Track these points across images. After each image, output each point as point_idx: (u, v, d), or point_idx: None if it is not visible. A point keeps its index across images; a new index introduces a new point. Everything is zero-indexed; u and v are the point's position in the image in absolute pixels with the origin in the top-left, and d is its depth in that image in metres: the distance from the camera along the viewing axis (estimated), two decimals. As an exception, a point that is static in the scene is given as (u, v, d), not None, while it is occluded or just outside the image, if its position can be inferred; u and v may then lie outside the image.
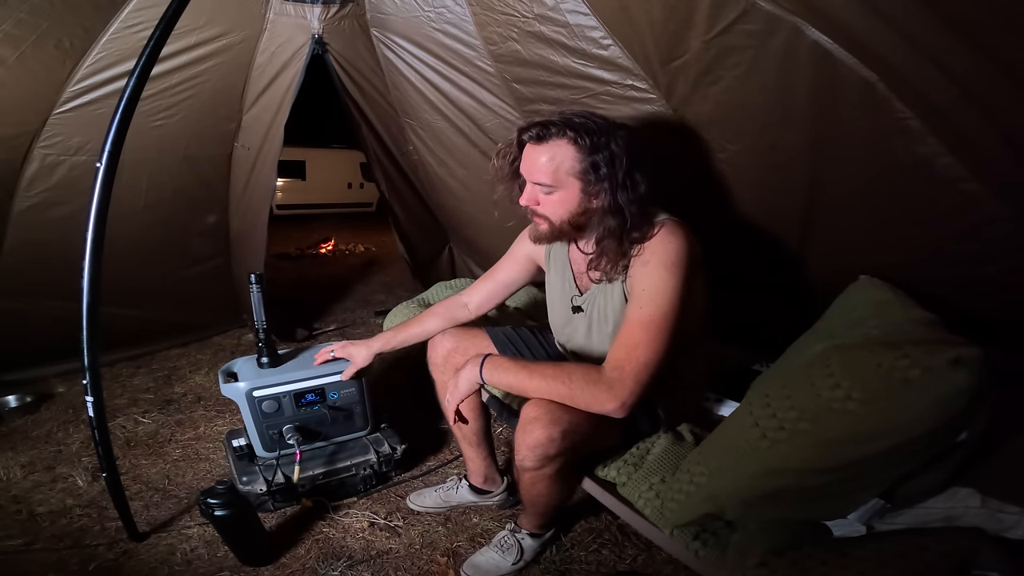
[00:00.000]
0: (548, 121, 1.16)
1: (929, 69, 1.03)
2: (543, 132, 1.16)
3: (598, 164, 1.14)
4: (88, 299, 1.25)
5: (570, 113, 1.18)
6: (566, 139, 1.15)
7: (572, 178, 1.17)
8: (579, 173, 1.16)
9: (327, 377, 1.67)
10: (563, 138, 1.15)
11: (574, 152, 1.15)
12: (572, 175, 1.16)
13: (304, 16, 2.16)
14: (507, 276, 1.53)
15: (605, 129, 1.16)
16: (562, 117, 1.16)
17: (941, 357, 0.83)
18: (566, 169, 1.16)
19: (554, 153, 1.15)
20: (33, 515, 1.58)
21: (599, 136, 1.14)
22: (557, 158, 1.15)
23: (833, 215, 1.47)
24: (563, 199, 1.19)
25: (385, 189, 3.08)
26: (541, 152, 1.16)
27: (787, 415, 0.95)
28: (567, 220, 1.21)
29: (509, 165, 1.28)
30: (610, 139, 1.15)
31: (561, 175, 1.16)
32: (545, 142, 1.16)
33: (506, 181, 1.31)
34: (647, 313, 1.11)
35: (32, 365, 2.35)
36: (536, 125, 1.17)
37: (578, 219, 1.21)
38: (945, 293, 1.25)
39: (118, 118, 1.23)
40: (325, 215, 9.05)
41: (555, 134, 1.15)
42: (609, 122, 1.18)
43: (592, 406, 1.09)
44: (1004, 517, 0.93)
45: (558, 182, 1.17)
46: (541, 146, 1.17)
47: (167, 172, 2.36)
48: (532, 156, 1.18)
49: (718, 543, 1.05)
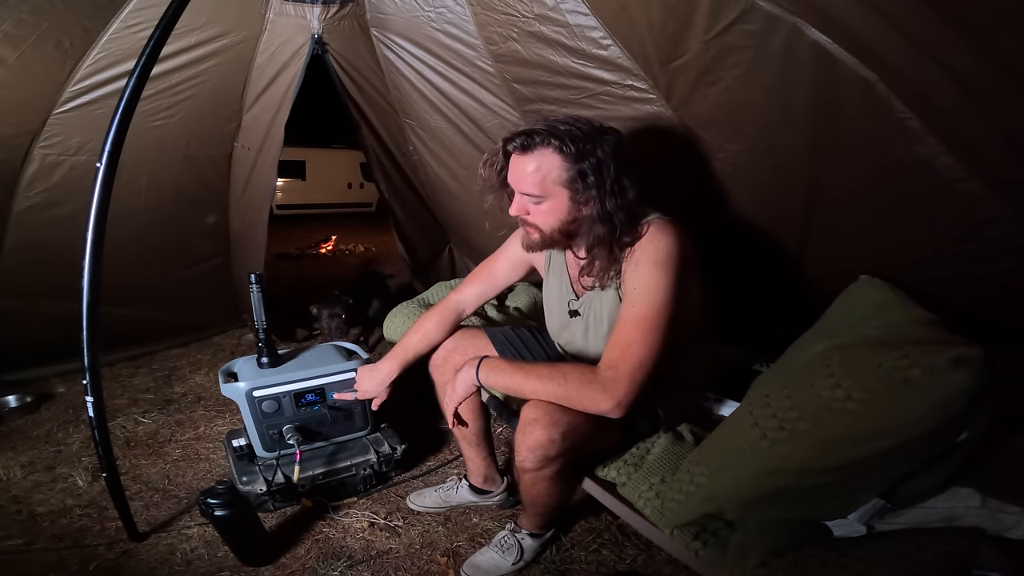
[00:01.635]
0: (532, 130, 1.14)
1: (929, 68, 1.03)
2: (528, 142, 1.14)
3: (585, 172, 1.12)
4: (88, 299, 1.25)
5: (554, 120, 1.15)
6: (551, 148, 1.12)
7: (559, 187, 1.15)
8: (566, 182, 1.14)
9: (327, 377, 1.67)
10: (548, 147, 1.13)
11: (560, 161, 1.13)
12: (559, 184, 1.14)
13: (304, 16, 2.16)
14: (500, 276, 1.50)
15: (591, 135, 1.14)
16: (547, 125, 1.14)
17: (941, 357, 0.83)
18: (553, 179, 1.14)
19: (540, 163, 1.13)
20: (33, 515, 1.58)
21: (584, 143, 1.12)
22: (543, 168, 1.13)
23: (833, 215, 1.47)
24: (552, 208, 1.17)
25: (385, 189, 3.08)
26: (527, 162, 1.15)
27: (787, 415, 0.95)
28: (557, 229, 1.20)
29: (496, 175, 1.25)
30: (596, 145, 1.13)
31: (548, 185, 1.14)
32: (530, 152, 1.14)
33: (495, 191, 1.28)
34: (640, 311, 1.10)
35: (32, 365, 2.35)
36: (520, 135, 1.15)
37: (568, 227, 1.20)
38: (945, 293, 1.25)
39: (118, 118, 1.23)
40: (325, 215, 9.05)
41: (540, 143, 1.13)
42: (595, 127, 1.16)
43: (588, 406, 1.09)
44: (1004, 517, 0.93)
45: (546, 192, 1.15)
46: (527, 156, 1.15)
47: (167, 172, 2.36)
48: (518, 167, 1.17)
49: (718, 543, 1.05)
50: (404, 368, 1.50)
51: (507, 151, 1.19)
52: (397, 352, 1.51)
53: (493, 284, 1.51)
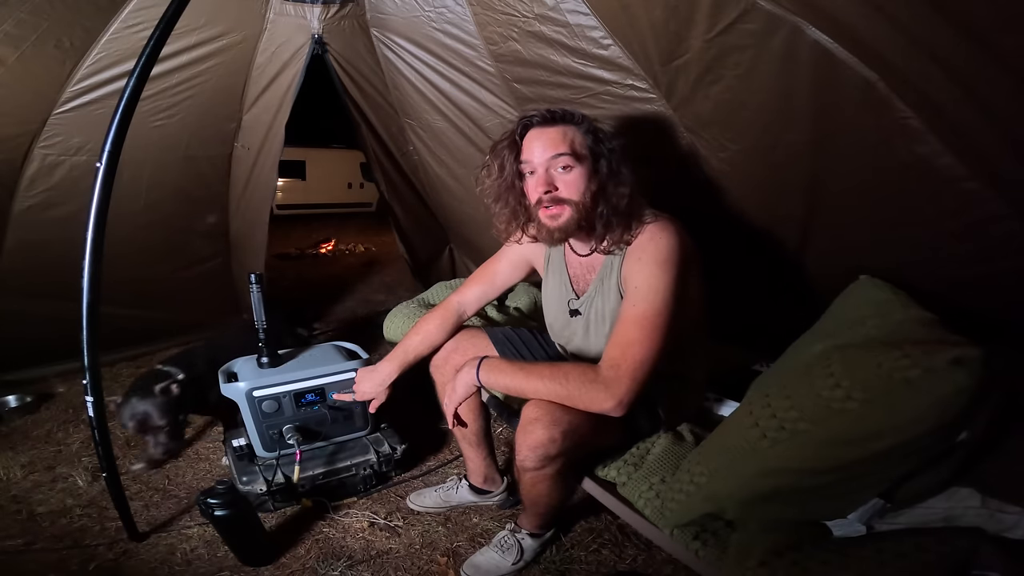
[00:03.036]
0: (551, 108, 1.23)
1: (930, 68, 1.03)
2: (551, 114, 1.21)
3: (600, 141, 1.21)
4: (88, 299, 1.25)
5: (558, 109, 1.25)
6: (571, 123, 1.21)
7: (585, 152, 1.20)
8: (588, 149, 1.20)
9: (327, 377, 1.67)
10: (569, 122, 1.21)
11: (581, 136, 1.20)
12: (584, 150, 1.20)
13: (304, 16, 2.16)
14: (501, 277, 1.50)
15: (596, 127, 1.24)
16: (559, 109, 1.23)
17: (941, 357, 0.83)
18: (579, 143, 1.19)
19: (565, 130, 1.20)
20: (33, 515, 1.58)
21: (590, 122, 1.23)
22: (569, 134, 1.19)
23: (834, 214, 1.47)
24: (581, 174, 1.19)
25: (385, 189, 3.08)
26: (554, 130, 1.20)
27: (787, 415, 0.95)
28: (588, 199, 1.19)
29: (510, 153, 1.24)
30: (602, 134, 1.23)
31: (577, 147, 1.19)
32: (554, 124, 1.21)
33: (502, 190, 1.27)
34: (641, 310, 1.11)
35: (32, 365, 2.35)
36: (543, 110, 1.22)
37: (595, 198, 1.20)
38: (945, 293, 1.25)
39: (118, 118, 1.23)
40: (325, 215, 9.05)
41: (562, 117, 1.21)
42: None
43: (590, 406, 1.09)
44: (1004, 517, 0.93)
45: (576, 152, 1.19)
46: (551, 127, 1.20)
47: (167, 172, 2.36)
48: (544, 136, 1.20)
49: (718, 543, 1.05)
50: (404, 370, 1.50)
51: (526, 126, 1.23)
52: (397, 353, 1.50)
53: (494, 285, 1.51)
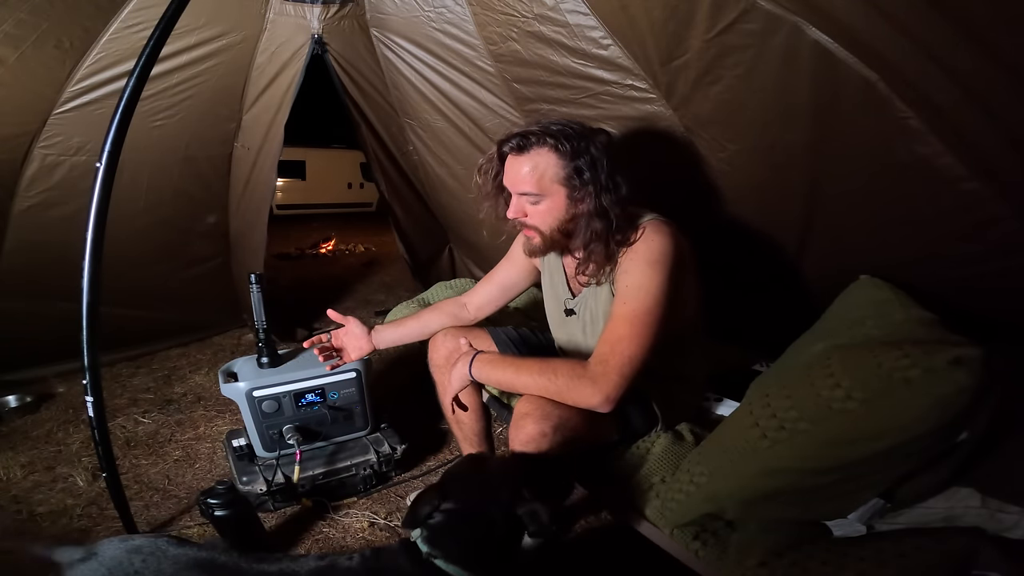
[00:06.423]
0: (527, 131, 1.18)
1: (930, 68, 1.02)
2: (523, 142, 1.17)
3: (581, 168, 1.15)
4: (88, 299, 1.25)
5: (547, 122, 1.19)
6: (547, 147, 1.16)
7: (557, 185, 1.17)
8: (563, 179, 1.17)
9: (327, 377, 1.67)
10: (544, 146, 1.16)
11: (556, 159, 1.16)
12: (556, 182, 1.17)
13: (304, 16, 2.16)
14: (507, 279, 1.52)
15: (583, 134, 1.18)
16: (540, 126, 1.18)
17: (941, 357, 0.83)
18: (550, 176, 1.17)
19: (536, 162, 1.16)
20: (33, 515, 1.58)
21: (578, 141, 1.16)
22: (540, 166, 1.16)
23: (833, 214, 1.47)
24: (550, 207, 1.19)
25: (385, 189, 3.08)
26: (523, 162, 1.17)
27: (787, 415, 0.95)
28: (557, 228, 1.21)
29: (492, 180, 1.28)
30: (589, 143, 1.17)
31: (546, 183, 1.17)
32: (527, 152, 1.17)
33: (490, 198, 1.31)
34: (631, 308, 1.11)
35: (32, 365, 2.34)
36: (515, 136, 1.18)
37: (567, 226, 1.21)
38: (945, 293, 1.25)
39: (118, 118, 1.23)
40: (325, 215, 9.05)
41: (535, 143, 1.16)
42: (587, 127, 1.20)
43: (578, 401, 1.10)
44: (1004, 517, 0.93)
45: (543, 190, 1.17)
46: (523, 156, 1.17)
47: (167, 172, 2.36)
48: (515, 167, 1.19)
49: (718, 543, 1.05)
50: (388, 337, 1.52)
51: (503, 153, 1.22)
52: (390, 325, 1.55)
53: (502, 287, 1.53)
